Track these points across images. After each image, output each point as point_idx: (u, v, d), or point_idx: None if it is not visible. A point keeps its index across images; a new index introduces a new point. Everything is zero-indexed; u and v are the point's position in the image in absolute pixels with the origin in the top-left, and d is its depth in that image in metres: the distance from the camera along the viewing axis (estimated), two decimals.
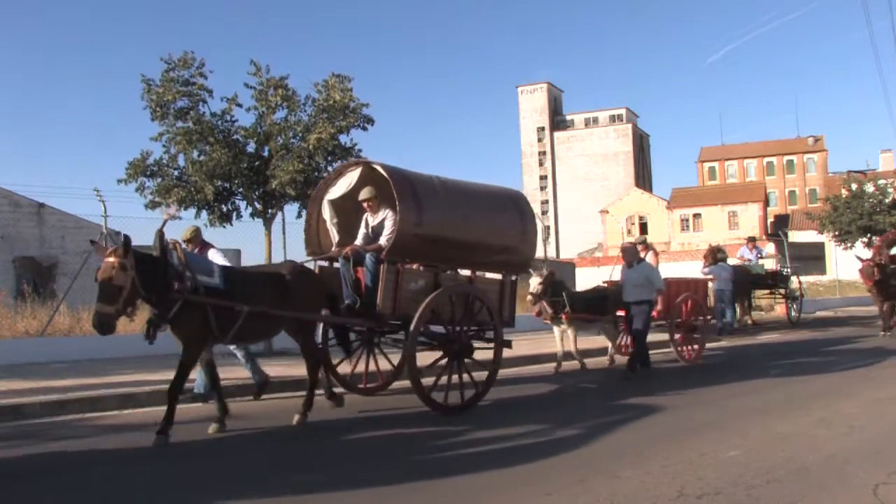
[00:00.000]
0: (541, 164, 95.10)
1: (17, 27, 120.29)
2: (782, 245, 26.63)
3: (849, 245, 27.80)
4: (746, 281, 17.39)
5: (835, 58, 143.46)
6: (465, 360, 7.40)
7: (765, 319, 19.95)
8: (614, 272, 20.35)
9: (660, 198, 77.67)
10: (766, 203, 73.44)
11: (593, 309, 10.36)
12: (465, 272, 8.06)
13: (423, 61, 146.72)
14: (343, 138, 11.56)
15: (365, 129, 11.75)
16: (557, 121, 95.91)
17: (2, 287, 16.58)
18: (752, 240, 19.59)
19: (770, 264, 20.39)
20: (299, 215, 11.98)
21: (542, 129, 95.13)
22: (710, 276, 15.32)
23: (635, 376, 9.31)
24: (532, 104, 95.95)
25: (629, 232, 67.26)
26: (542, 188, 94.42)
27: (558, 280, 10.29)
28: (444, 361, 7.28)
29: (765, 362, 11.14)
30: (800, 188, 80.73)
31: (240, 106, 11.38)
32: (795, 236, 41.78)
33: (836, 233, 28.44)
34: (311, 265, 7.79)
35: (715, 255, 16.73)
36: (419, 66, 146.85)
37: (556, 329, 10.35)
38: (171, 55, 10.86)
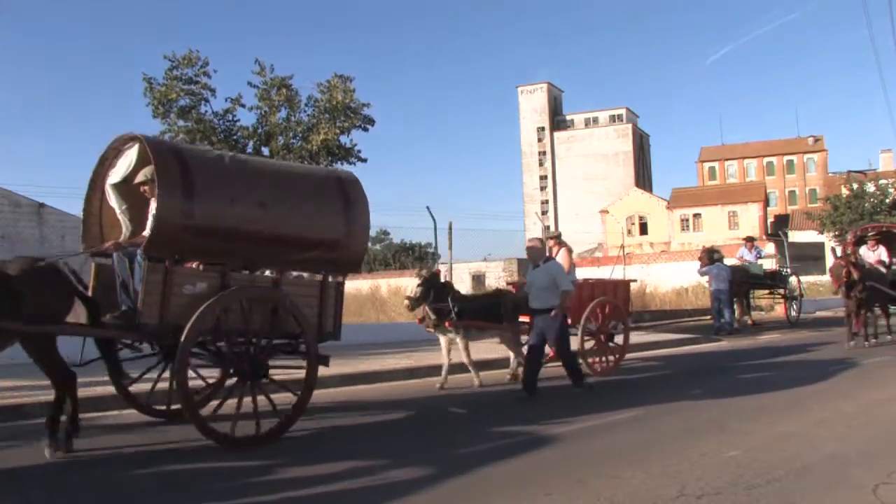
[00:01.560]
0: (541, 164, 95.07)
1: (17, 27, 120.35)
2: (782, 245, 26.65)
3: None
4: (744, 281, 17.40)
5: (835, 58, 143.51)
6: (290, 377, 6.26)
7: (764, 319, 19.96)
8: (614, 272, 20.52)
9: (660, 198, 77.64)
10: (766, 203, 73.42)
11: (486, 315, 9.06)
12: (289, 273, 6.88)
13: (422, 61, 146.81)
14: (343, 139, 11.58)
15: (366, 129, 11.77)
16: (557, 121, 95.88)
17: None
18: (750, 240, 19.60)
19: (768, 264, 20.41)
20: None
21: (542, 129, 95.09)
22: (706, 277, 15.40)
23: (584, 389, 8.37)
24: (532, 104, 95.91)
25: (629, 232, 67.34)
26: (542, 188, 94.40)
27: (444, 282, 9.09)
28: (235, 383, 6.08)
29: (763, 362, 11.13)
30: (800, 188, 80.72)
31: (243, 106, 11.42)
32: (795, 236, 41.80)
33: (837, 233, 28.48)
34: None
35: (710, 256, 16.75)
36: (419, 66, 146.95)
37: (441, 339, 9.03)
38: (175, 53, 10.88)
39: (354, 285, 23.54)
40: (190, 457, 5.55)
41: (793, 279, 19.41)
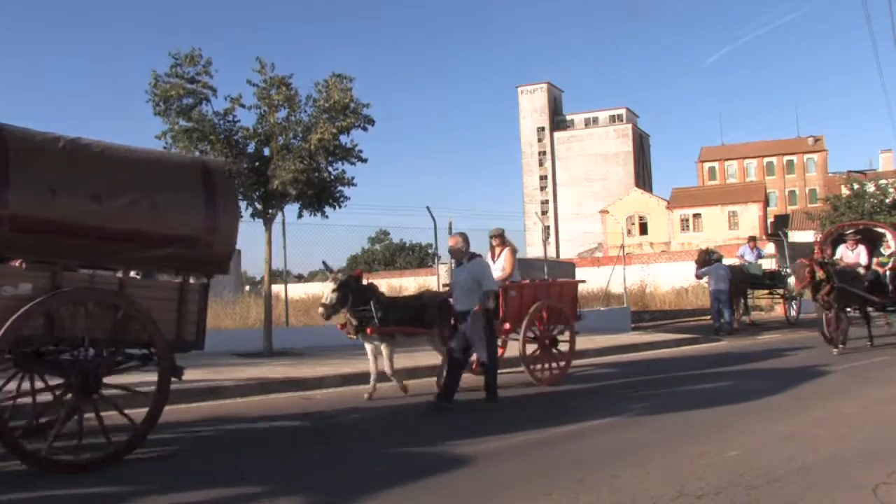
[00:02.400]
0: (541, 164, 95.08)
1: (17, 26, 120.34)
2: (782, 245, 26.62)
3: None
4: (742, 281, 17.40)
5: (835, 58, 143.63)
6: (113, 392, 5.63)
7: (764, 319, 19.97)
8: (614, 272, 20.52)
9: (660, 198, 77.68)
10: (766, 203, 73.46)
11: (412, 320, 8.30)
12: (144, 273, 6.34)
13: (422, 61, 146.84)
14: (343, 139, 11.55)
15: (365, 129, 11.74)
16: (557, 121, 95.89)
17: None
18: (752, 239, 19.60)
19: (767, 264, 20.40)
20: (300, 215, 12.00)
21: (542, 129, 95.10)
22: (705, 278, 15.37)
23: (492, 404, 7.56)
24: (532, 104, 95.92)
25: (629, 232, 67.33)
26: (542, 188, 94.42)
27: (366, 284, 8.36)
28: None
29: (763, 362, 11.14)
30: (800, 188, 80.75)
31: (243, 106, 11.38)
32: (795, 236, 41.75)
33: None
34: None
35: (706, 258, 16.76)
36: (419, 66, 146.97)
37: (367, 346, 8.31)
38: (179, 51, 10.85)
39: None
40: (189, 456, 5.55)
41: (792, 279, 19.39)
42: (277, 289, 14.65)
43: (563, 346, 9.54)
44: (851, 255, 13.26)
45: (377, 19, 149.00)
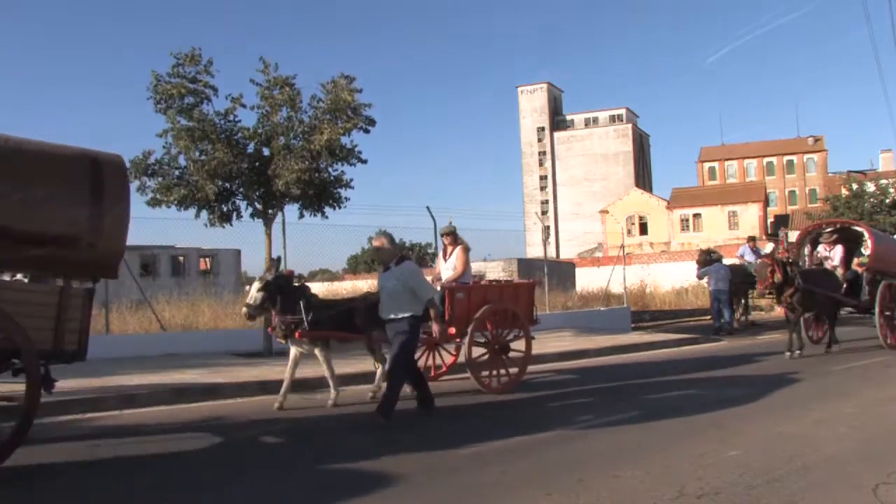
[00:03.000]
0: (541, 164, 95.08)
1: (17, 25, 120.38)
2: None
3: None
4: (742, 281, 17.39)
5: (835, 58, 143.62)
6: None
7: (764, 319, 19.96)
8: (614, 272, 20.53)
9: (660, 198, 77.69)
10: (766, 203, 73.46)
11: (340, 324, 7.72)
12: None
13: (422, 61, 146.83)
14: (344, 139, 11.56)
15: (367, 131, 11.76)
16: (557, 121, 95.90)
17: None
18: (752, 239, 19.59)
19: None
20: (301, 216, 12.01)
21: (542, 129, 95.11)
22: (705, 278, 15.33)
23: (382, 419, 6.60)
24: (532, 104, 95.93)
25: (629, 232, 67.33)
26: (542, 188, 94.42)
27: (298, 284, 7.80)
28: None
29: (762, 362, 11.13)
30: (800, 188, 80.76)
31: (244, 106, 11.40)
32: (795, 236, 41.79)
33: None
34: None
35: (706, 258, 16.75)
36: (419, 65, 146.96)
37: (292, 350, 7.70)
38: (181, 51, 10.88)
39: (354, 285, 23.55)
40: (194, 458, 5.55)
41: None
42: None
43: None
44: (831, 256, 12.80)
45: (377, 19, 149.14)
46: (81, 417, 7.16)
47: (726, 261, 17.79)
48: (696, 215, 72.17)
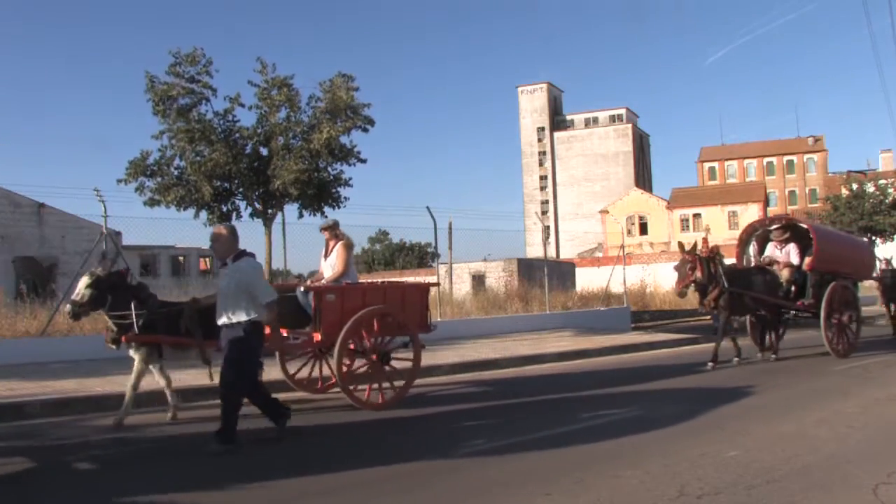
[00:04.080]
0: (541, 164, 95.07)
1: (17, 25, 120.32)
2: None
3: None
4: None
5: (835, 58, 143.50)
6: None
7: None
8: (614, 272, 20.52)
9: (660, 198, 77.70)
10: (766, 203, 73.47)
11: (167, 328, 6.82)
12: None
13: (422, 61, 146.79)
14: (343, 139, 11.58)
15: (366, 130, 11.77)
16: (557, 121, 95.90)
17: (1, 287, 16.58)
18: None
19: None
20: (300, 216, 12.02)
21: (542, 129, 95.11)
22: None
23: (219, 449, 5.59)
24: (532, 104, 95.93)
25: (629, 232, 67.28)
26: (542, 188, 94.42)
27: (134, 284, 7.06)
28: None
29: (762, 362, 11.13)
30: (800, 188, 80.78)
31: (242, 106, 11.40)
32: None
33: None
34: None
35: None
36: (419, 65, 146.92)
37: (135, 357, 6.84)
38: (180, 50, 10.87)
39: None
40: (195, 458, 5.55)
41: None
42: None
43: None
44: (780, 254, 11.73)
45: (377, 19, 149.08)
46: (81, 417, 7.16)
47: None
48: (696, 215, 72.20)
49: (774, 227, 12.01)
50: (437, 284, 9.95)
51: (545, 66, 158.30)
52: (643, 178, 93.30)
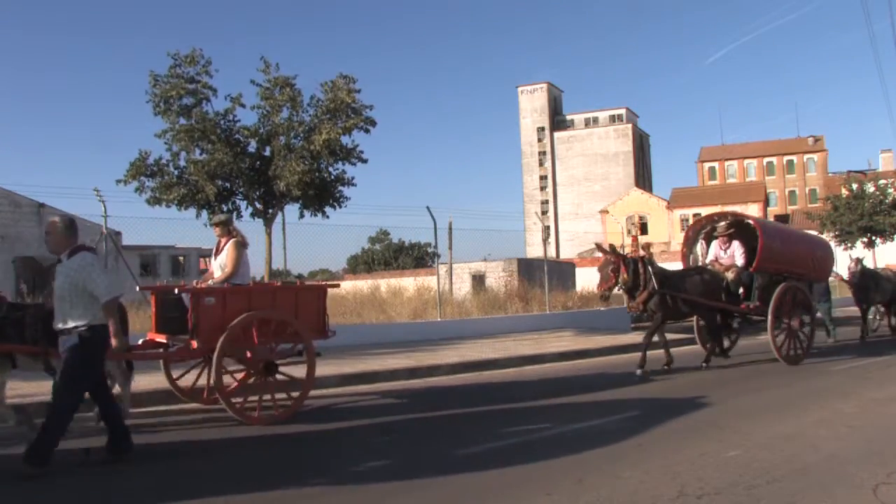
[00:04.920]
0: (541, 164, 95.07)
1: (17, 24, 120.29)
2: None
3: (849, 245, 27.83)
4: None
5: (835, 58, 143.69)
6: None
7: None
8: None
9: (660, 198, 77.73)
10: (766, 203, 73.49)
11: (13, 336, 6.21)
12: None
13: (423, 61, 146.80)
14: (345, 139, 11.58)
15: (367, 131, 11.77)
16: (557, 121, 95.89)
17: (1, 287, 16.59)
18: None
19: None
20: (301, 216, 12.02)
21: (542, 129, 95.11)
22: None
23: (36, 470, 4.92)
24: (532, 104, 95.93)
25: (629, 232, 67.20)
26: (542, 188, 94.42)
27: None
28: None
29: (762, 362, 11.12)
30: (800, 188, 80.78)
31: (243, 106, 11.40)
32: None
33: (837, 233, 28.47)
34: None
35: None
36: (419, 66, 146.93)
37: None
38: (179, 52, 10.87)
39: (354, 285, 23.53)
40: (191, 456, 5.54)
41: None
42: None
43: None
44: (725, 254, 10.86)
45: (377, 19, 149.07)
46: (81, 417, 7.13)
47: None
48: (696, 215, 72.07)
49: (721, 224, 11.17)
50: (336, 285, 8.62)
51: (545, 66, 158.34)
52: (643, 178, 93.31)
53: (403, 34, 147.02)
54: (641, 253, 10.55)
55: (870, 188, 28.87)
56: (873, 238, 28.13)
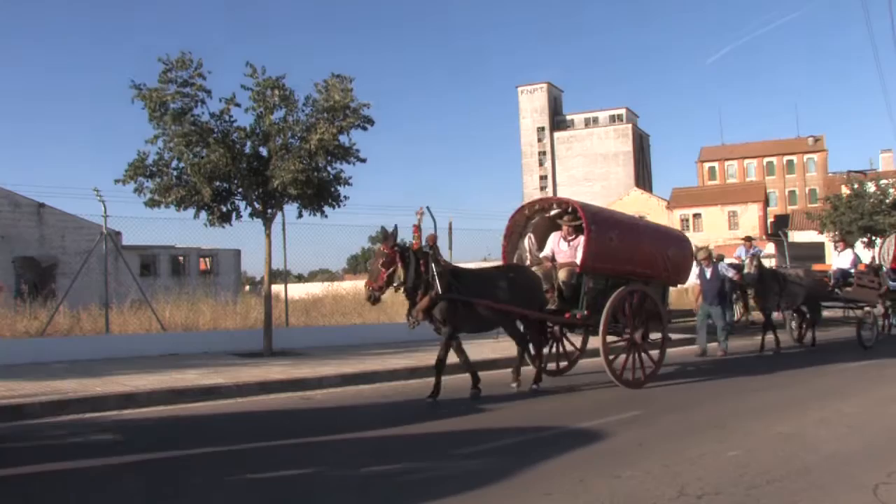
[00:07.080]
0: (541, 164, 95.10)
1: (16, 24, 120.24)
2: (782, 245, 26.65)
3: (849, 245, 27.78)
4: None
5: (835, 58, 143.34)
6: None
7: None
8: None
9: (660, 198, 77.70)
10: (766, 203, 73.47)
11: None
12: None
13: (423, 61, 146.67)
14: (342, 138, 11.54)
15: (365, 129, 11.74)
16: (557, 121, 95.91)
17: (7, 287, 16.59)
18: (749, 239, 19.56)
19: (767, 264, 20.34)
20: (300, 215, 11.99)
21: (542, 129, 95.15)
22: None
23: None
24: (532, 104, 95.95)
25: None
26: (542, 188, 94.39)
27: None
28: None
29: (762, 362, 11.13)
30: (800, 188, 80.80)
31: (238, 106, 11.35)
32: (795, 236, 41.81)
33: (837, 233, 28.45)
34: None
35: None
36: (419, 65, 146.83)
37: None
38: (169, 56, 10.78)
39: (355, 285, 23.50)
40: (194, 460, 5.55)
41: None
42: (277, 289, 14.66)
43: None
44: (567, 249, 8.90)
45: (377, 19, 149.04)
46: (81, 417, 7.16)
47: (727, 260, 17.76)
48: (696, 215, 72.17)
49: (556, 211, 9.24)
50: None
51: (545, 66, 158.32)
52: (643, 178, 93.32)
53: (403, 34, 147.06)
54: (426, 245, 7.98)
55: (870, 188, 28.85)
56: (873, 238, 28.11)
